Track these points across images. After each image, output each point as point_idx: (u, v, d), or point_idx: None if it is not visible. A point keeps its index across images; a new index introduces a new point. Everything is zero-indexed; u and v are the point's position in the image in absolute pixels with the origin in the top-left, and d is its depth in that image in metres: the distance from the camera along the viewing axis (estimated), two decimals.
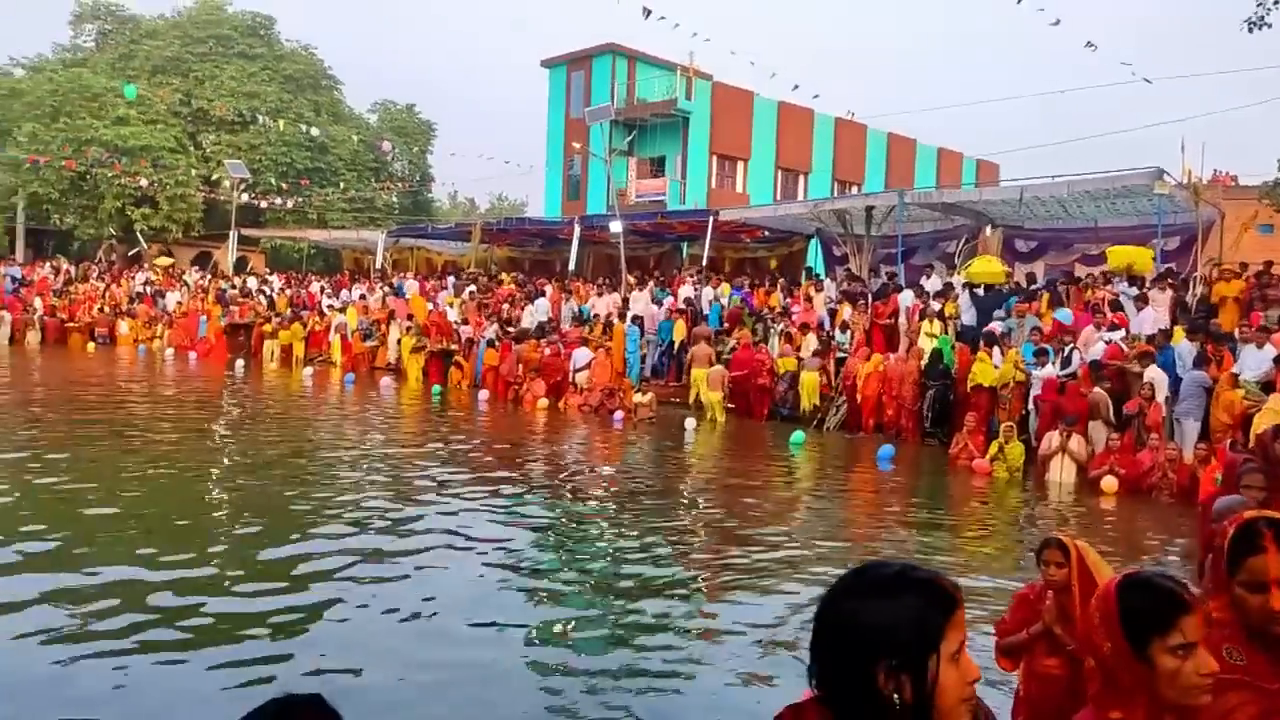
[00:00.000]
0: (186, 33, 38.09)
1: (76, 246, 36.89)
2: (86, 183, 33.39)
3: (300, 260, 37.49)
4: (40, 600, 5.42)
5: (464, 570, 6.51)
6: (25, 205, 34.44)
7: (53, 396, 15.47)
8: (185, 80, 36.95)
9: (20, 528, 6.98)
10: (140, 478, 9.24)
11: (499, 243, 29.56)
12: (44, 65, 38.48)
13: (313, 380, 19.58)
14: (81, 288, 27.57)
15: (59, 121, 33.41)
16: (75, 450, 10.35)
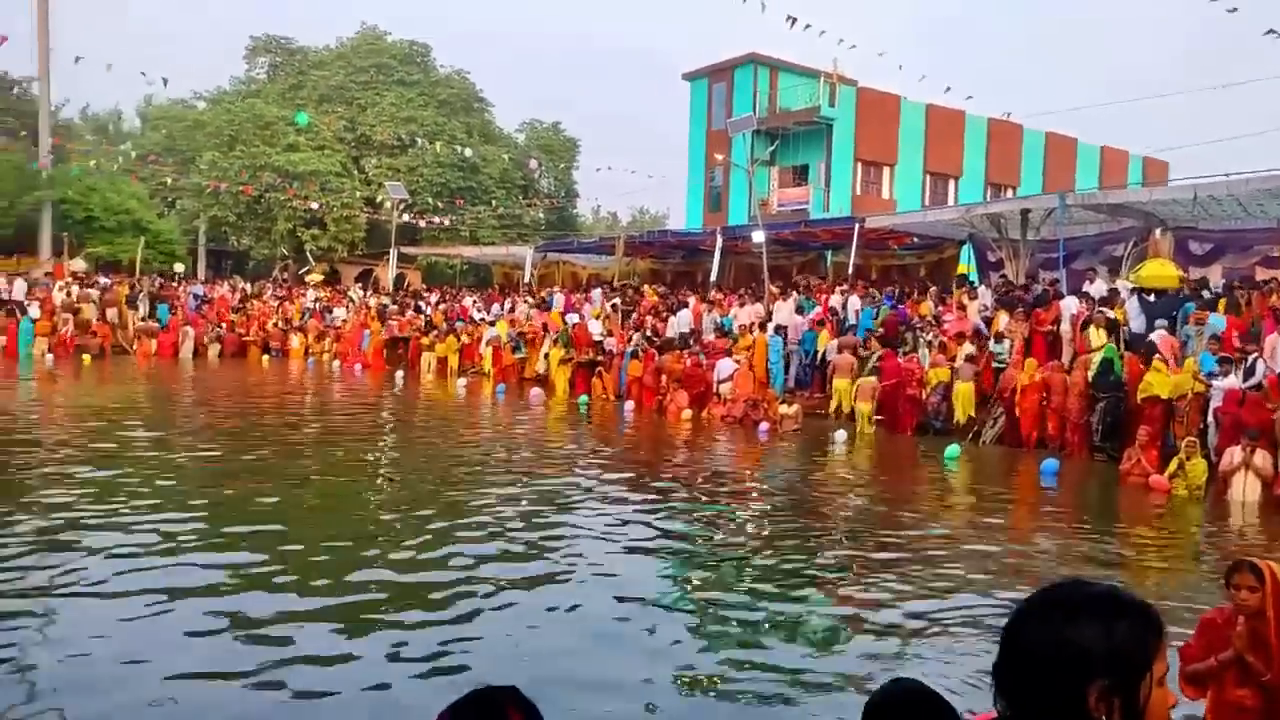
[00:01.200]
0: (350, 62, 40.44)
1: (251, 265, 39.63)
2: (261, 206, 35.88)
3: (453, 276, 39.06)
4: (237, 583, 5.83)
5: (610, 578, 6.59)
6: (206, 228, 37.28)
7: (234, 404, 16.68)
8: (349, 108, 39.21)
9: (216, 514, 7.54)
10: (316, 475, 9.82)
11: (641, 255, 29.92)
12: (222, 97, 41.66)
13: (466, 391, 20.31)
14: (257, 304, 29.55)
15: (236, 149, 36.06)
16: (256, 454, 11.11)
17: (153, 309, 26.85)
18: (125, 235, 31.34)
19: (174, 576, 6.10)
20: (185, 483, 9.48)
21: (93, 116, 47.18)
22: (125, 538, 6.98)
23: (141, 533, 7.14)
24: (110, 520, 7.52)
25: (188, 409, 16.48)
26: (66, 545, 6.78)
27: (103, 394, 17.68)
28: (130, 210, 32.02)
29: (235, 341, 26.84)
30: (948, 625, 5.73)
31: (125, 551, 6.60)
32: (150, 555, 6.59)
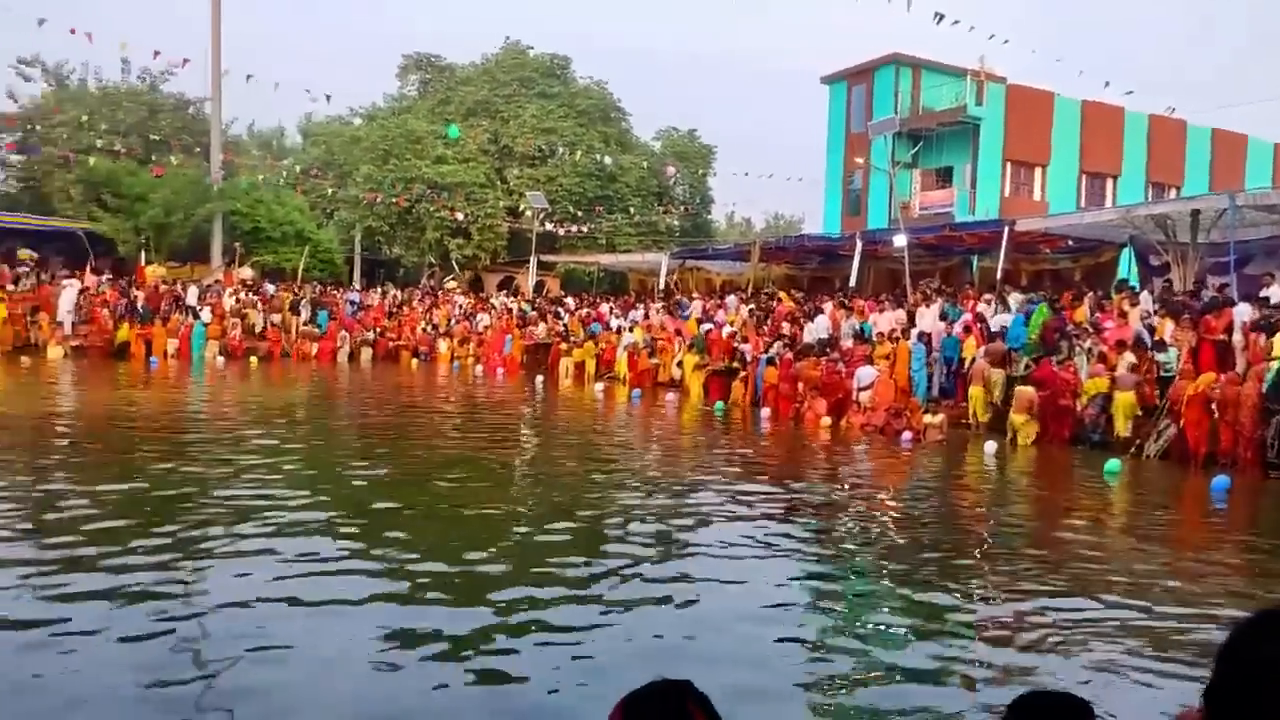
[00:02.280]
0: (494, 77, 41.79)
1: (402, 273, 41.43)
2: (411, 216, 37.52)
3: (590, 283, 39.73)
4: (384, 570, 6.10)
5: (744, 585, 6.54)
6: (361, 237, 39.22)
7: (388, 404, 17.49)
8: (493, 121, 40.52)
9: (370, 504, 7.92)
10: (456, 474, 10.18)
11: (777, 261, 29.65)
12: (376, 114, 43.78)
13: (603, 395, 20.62)
14: (407, 311, 30.88)
15: (389, 163, 37.81)
16: (408, 447, 11.60)
17: (313, 314, 28.42)
18: (289, 245, 33.33)
19: (319, 578, 6.41)
20: (336, 484, 9.98)
21: (258, 133, 50.40)
22: (277, 539, 7.39)
23: (293, 534, 7.55)
24: (267, 517, 7.99)
25: (345, 409, 17.39)
26: (245, 552, 7.21)
27: (269, 394, 18.86)
28: (293, 221, 34.04)
29: (386, 346, 28.12)
30: (1109, 653, 5.42)
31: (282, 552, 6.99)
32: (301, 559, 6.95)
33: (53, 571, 6.10)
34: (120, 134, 34.69)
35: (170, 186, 30.63)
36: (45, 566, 6.21)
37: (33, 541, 6.88)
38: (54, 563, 6.29)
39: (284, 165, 42.66)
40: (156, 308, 26.02)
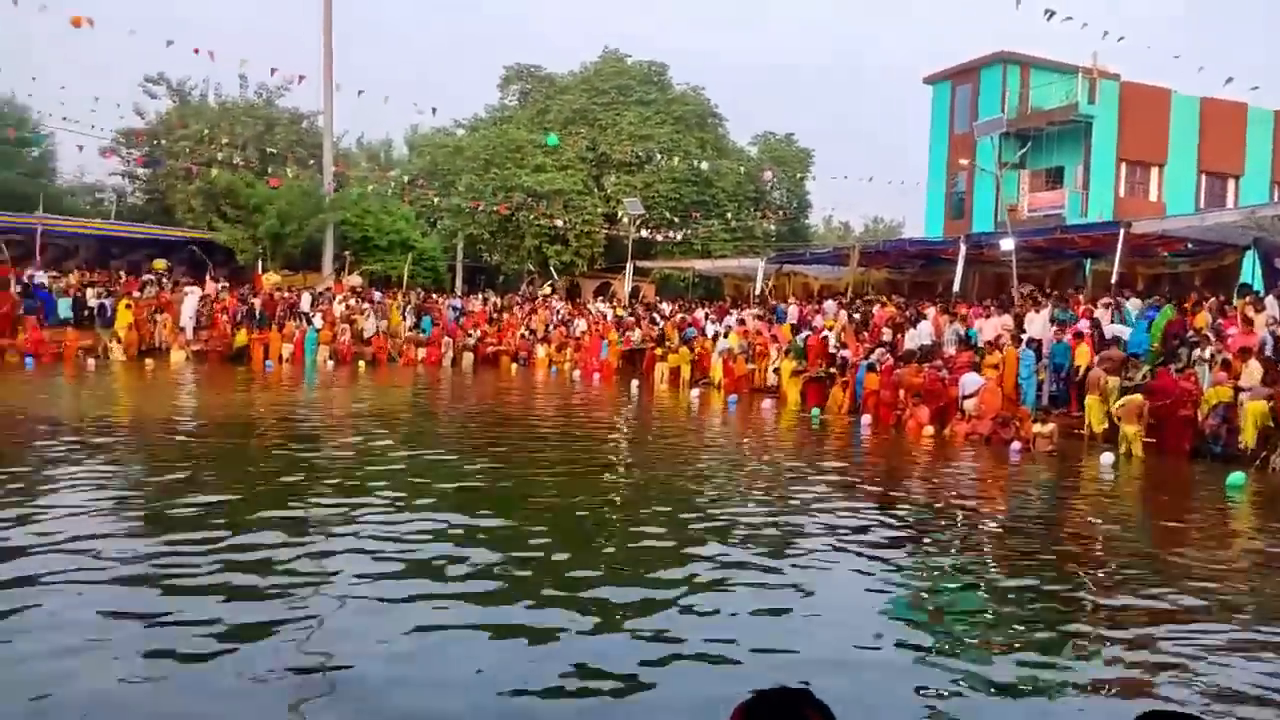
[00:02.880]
0: (593, 86, 42.28)
1: (502, 280, 42.28)
2: (511, 224, 38.27)
3: (686, 288, 39.79)
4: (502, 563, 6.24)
5: (844, 600, 6.44)
6: (463, 245, 40.18)
7: (491, 408, 17.89)
8: (591, 129, 41.00)
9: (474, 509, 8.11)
10: (557, 475, 10.33)
11: (877, 265, 29.11)
12: (479, 124, 44.80)
13: (699, 401, 20.60)
14: (506, 316, 31.49)
15: (490, 172, 38.65)
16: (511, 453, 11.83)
17: (418, 321, 29.24)
18: (395, 253, 34.38)
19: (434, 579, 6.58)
20: (446, 482, 10.24)
21: (367, 145, 52.17)
22: (385, 535, 7.63)
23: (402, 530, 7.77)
24: (382, 515, 8.25)
25: (450, 412, 17.84)
26: (350, 551, 7.47)
27: (379, 396, 19.48)
28: (399, 230, 35.12)
29: (486, 351, 28.71)
30: (1237, 677, 5.15)
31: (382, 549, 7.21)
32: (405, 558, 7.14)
33: (172, 563, 6.43)
34: (239, 147, 36.40)
35: (285, 198, 32.03)
36: (166, 559, 6.56)
37: (155, 536, 7.26)
38: (173, 555, 6.63)
39: (391, 176, 44.06)
40: (272, 314, 27.18)
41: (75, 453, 10.58)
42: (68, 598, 5.64)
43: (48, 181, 40.41)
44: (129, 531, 7.41)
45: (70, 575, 6.02)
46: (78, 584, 5.90)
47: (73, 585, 5.87)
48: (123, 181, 42.47)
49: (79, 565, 6.24)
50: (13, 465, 9.70)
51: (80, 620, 5.27)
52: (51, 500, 8.18)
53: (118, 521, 7.69)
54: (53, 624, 5.22)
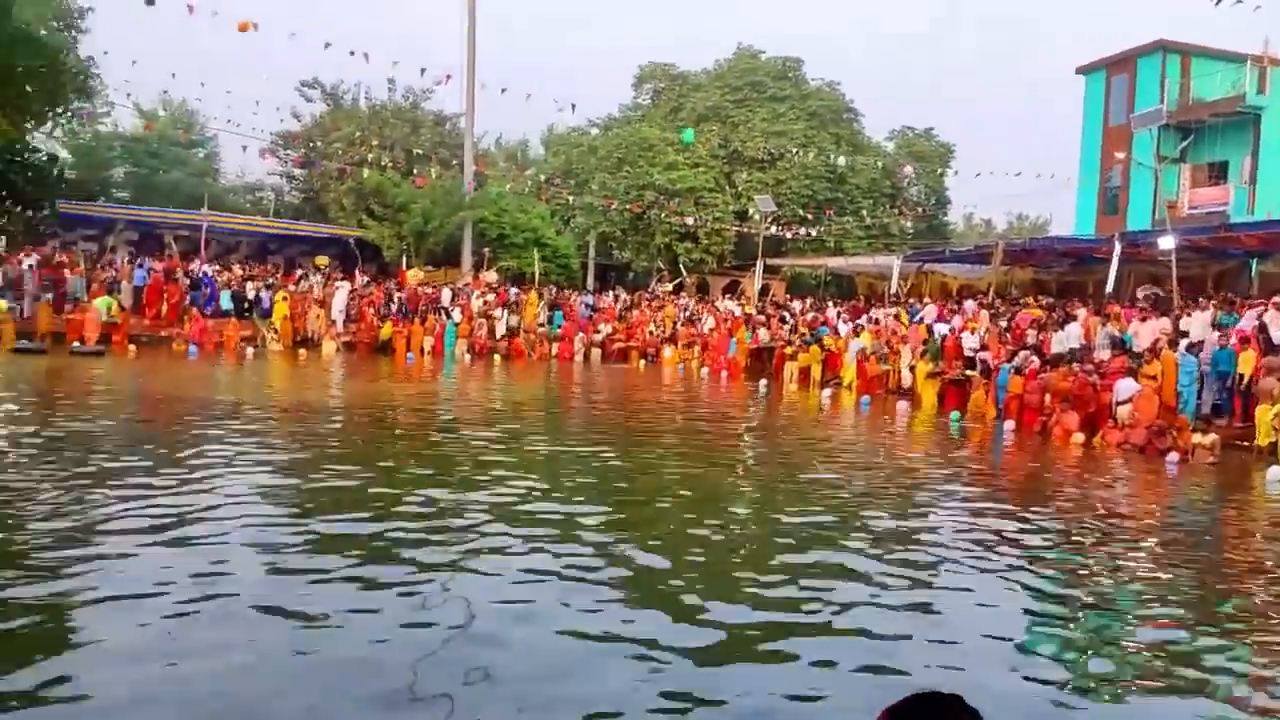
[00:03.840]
0: (726, 83, 42.15)
1: (632, 277, 42.67)
2: (642, 222, 38.59)
3: (817, 286, 39.20)
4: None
5: (986, 621, 6.18)
6: (595, 243, 40.77)
7: (620, 403, 18.10)
8: (724, 125, 40.89)
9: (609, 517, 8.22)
10: (686, 474, 10.35)
11: (1021, 264, 27.92)
12: (612, 124, 45.34)
13: (829, 401, 20.25)
14: (635, 313, 31.77)
15: (622, 170, 39.06)
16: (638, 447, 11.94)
17: (550, 316, 29.87)
18: (529, 250, 35.22)
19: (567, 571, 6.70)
20: (582, 475, 10.41)
21: (504, 145, 53.57)
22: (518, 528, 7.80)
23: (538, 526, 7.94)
24: (518, 505, 8.45)
25: (581, 406, 18.14)
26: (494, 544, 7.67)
27: (514, 389, 20.01)
28: (535, 228, 35.94)
29: (615, 347, 29.05)
30: None
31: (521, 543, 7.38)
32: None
33: (314, 549, 6.77)
34: (387, 149, 38.03)
35: (429, 197, 33.31)
36: (310, 549, 6.90)
37: (300, 521, 7.65)
38: (316, 541, 6.98)
39: (528, 175, 45.11)
40: (415, 308, 28.29)
41: (232, 435, 11.28)
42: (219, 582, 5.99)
43: (212, 181, 43.29)
44: (274, 519, 7.84)
45: (221, 556, 6.39)
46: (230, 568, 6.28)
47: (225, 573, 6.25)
48: (280, 181, 45.06)
49: (229, 542, 6.63)
50: (177, 445, 10.43)
51: (234, 612, 5.59)
52: (208, 481, 8.74)
53: (271, 505, 8.16)
54: (219, 613, 5.56)
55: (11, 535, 6.57)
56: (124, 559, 6.16)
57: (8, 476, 8.48)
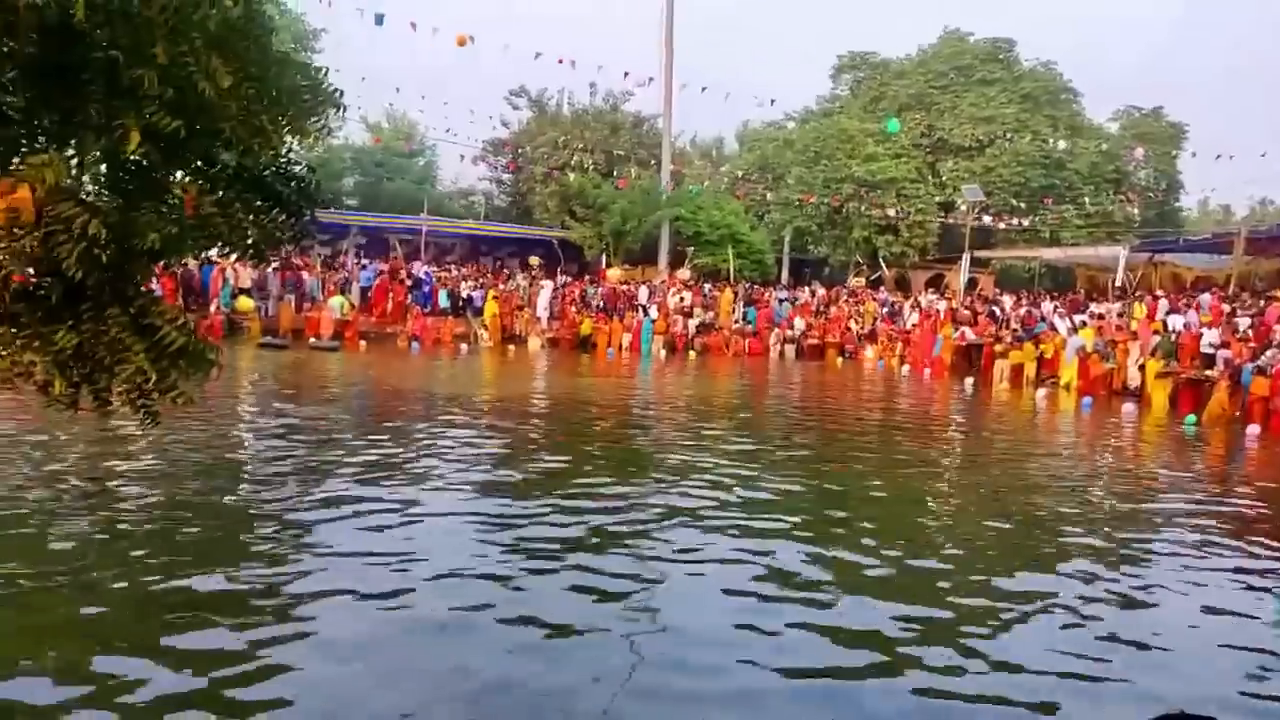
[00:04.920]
0: (930, 68, 40.56)
1: (827, 273, 41.90)
2: (840, 216, 37.81)
3: (1030, 279, 37.04)
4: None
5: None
6: (790, 238, 40.33)
7: (819, 401, 17.88)
8: (928, 113, 39.38)
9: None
10: (886, 476, 10.08)
11: (1268, 253, 25.25)
12: (809, 116, 44.68)
13: (1045, 402, 19.10)
14: (833, 309, 31.19)
15: (819, 164, 38.41)
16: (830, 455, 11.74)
17: (745, 312, 29.85)
18: (724, 247, 35.34)
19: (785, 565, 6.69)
20: (779, 477, 10.37)
21: (700, 144, 53.96)
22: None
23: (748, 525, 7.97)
24: (717, 506, 8.53)
25: (779, 404, 18.04)
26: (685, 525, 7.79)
27: (711, 385, 20.18)
28: (730, 225, 36.02)
29: (811, 343, 28.64)
30: None
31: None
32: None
33: (518, 545, 7.10)
34: (588, 151, 39.26)
35: (628, 197, 34.12)
36: (515, 538, 7.25)
37: (509, 513, 8.04)
38: (520, 538, 7.31)
39: (723, 172, 45.25)
40: (614, 305, 29.08)
41: (452, 424, 12.03)
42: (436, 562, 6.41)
43: (431, 187, 46.17)
44: (487, 511, 8.29)
45: (438, 541, 6.84)
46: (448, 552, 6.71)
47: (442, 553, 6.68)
48: (490, 186, 47.47)
49: (444, 531, 7.08)
50: (400, 433, 11.25)
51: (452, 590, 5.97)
52: (427, 467, 9.37)
53: (480, 496, 8.65)
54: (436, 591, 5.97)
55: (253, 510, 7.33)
56: (349, 548, 6.73)
57: (253, 463, 9.45)
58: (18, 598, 5.32)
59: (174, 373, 3.11)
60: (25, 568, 5.74)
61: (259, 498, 7.86)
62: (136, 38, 3.07)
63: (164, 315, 3.08)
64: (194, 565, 5.96)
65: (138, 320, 3.02)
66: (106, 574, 5.70)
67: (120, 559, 5.99)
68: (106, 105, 2.93)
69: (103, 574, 5.69)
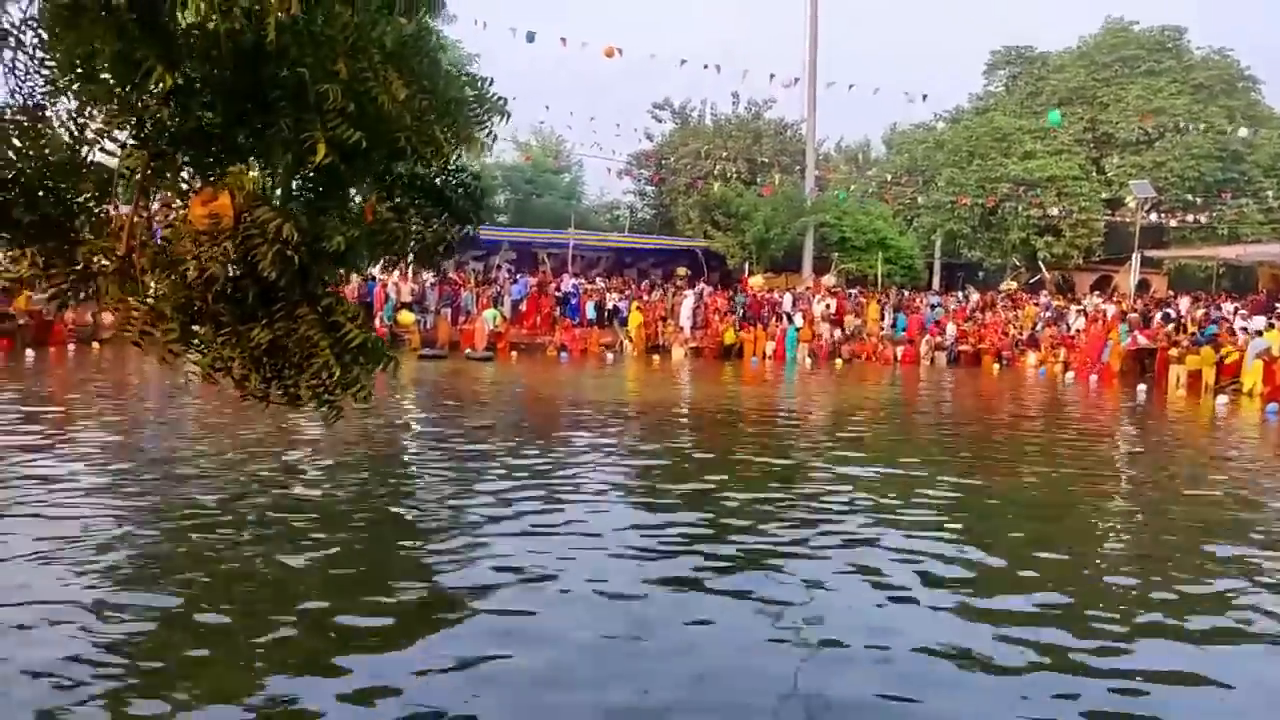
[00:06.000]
0: (1091, 60, 38.54)
1: (982, 277, 40.34)
2: (995, 217, 36.34)
3: (1207, 280, 34.56)
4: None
5: None
6: (941, 242, 39.07)
7: (970, 412, 17.20)
8: (1090, 107, 37.43)
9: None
10: (1059, 492, 9.58)
11: None
12: (960, 116, 43.21)
13: (1226, 411, 17.74)
14: (989, 315, 29.99)
15: (973, 164, 37.05)
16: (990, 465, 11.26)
17: (894, 319, 29.11)
18: (871, 252, 34.59)
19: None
20: (920, 489, 10.05)
21: (845, 149, 53.05)
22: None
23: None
24: (869, 511, 8.33)
25: (931, 413, 17.48)
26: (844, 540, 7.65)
27: (859, 393, 19.76)
28: (877, 230, 35.23)
29: (965, 349, 27.61)
30: None
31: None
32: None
33: (671, 552, 7.12)
34: (730, 160, 39.26)
35: (771, 204, 33.91)
36: (665, 547, 7.27)
37: (656, 523, 8.09)
38: (671, 545, 7.34)
39: (870, 176, 44.34)
40: (758, 313, 28.92)
41: (601, 430, 12.24)
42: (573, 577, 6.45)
43: (577, 202, 47.27)
44: (633, 522, 8.38)
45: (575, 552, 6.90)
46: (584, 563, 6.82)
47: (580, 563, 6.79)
48: (634, 199, 48.17)
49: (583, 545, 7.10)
50: (549, 441, 11.53)
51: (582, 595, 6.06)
52: (573, 474, 9.56)
53: (627, 507, 8.76)
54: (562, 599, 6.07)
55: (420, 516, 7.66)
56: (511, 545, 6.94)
57: (413, 467, 9.89)
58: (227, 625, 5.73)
59: (355, 368, 3.30)
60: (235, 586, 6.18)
61: (429, 501, 8.23)
62: (320, 55, 3.30)
63: (347, 314, 3.29)
64: (379, 576, 6.27)
65: (324, 318, 3.23)
66: (300, 589, 5.93)
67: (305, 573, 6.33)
68: (295, 120, 3.16)
69: (296, 589, 5.91)
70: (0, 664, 4.36)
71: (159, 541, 6.50)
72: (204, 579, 5.67)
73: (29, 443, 9.83)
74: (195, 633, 4.84)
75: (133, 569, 5.87)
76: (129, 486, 8.15)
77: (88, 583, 5.48)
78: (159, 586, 5.52)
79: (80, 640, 4.66)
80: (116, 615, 5.02)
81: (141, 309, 3.15)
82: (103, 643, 4.66)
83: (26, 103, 3.31)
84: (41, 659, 4.41)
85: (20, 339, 20.77)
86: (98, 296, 3.32)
